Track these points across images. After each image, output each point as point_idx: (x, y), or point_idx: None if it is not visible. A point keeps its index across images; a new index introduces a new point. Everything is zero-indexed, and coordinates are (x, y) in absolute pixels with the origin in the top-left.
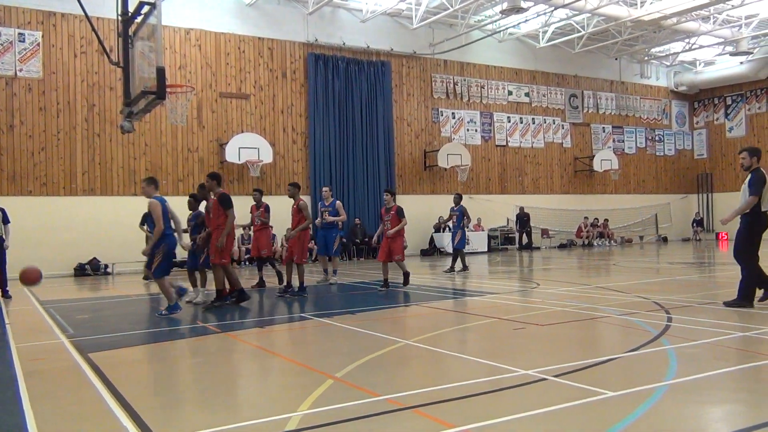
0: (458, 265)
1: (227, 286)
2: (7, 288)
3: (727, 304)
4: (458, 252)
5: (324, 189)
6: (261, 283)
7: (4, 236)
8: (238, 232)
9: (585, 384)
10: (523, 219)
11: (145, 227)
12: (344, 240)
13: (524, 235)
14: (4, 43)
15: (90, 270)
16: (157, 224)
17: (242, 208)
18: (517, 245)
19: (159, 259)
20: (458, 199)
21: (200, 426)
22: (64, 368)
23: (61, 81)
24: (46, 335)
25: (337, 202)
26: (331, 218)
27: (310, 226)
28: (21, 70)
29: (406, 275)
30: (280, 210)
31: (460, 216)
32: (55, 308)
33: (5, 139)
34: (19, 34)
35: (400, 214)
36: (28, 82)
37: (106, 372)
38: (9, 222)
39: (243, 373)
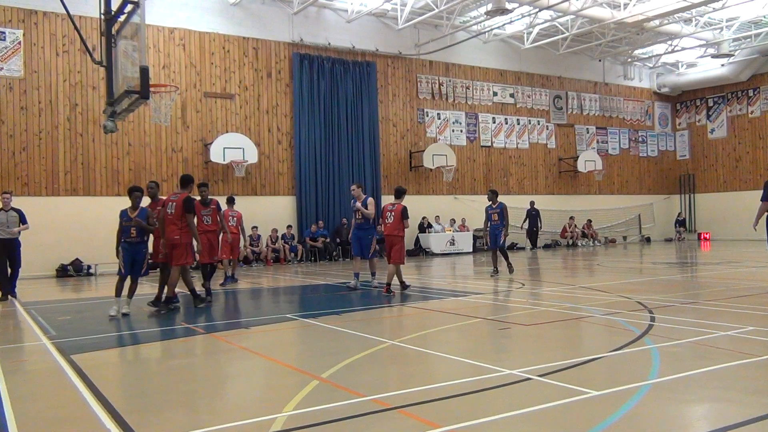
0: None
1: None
2: (15, 289)
3: None
4: (504, 251)
5: (353, 187)
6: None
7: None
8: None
9: (569, 383)
10: (533, 215)
11: None
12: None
13: (532, 235)
14: None
15: (72, 271)
16: None
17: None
18: (530, 245)
19: None
20: (494, 195)
21: (184, 428)
22: (45, 370)
23: (43, 80)
24: (27, 337)
25: (369, 198)
26: (364, 211)
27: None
28: (1, 69)
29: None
30: (265, 211)
31: (502, 213)
32: (37, 309)
33: None
34: (0, 32)
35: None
36: (8, 81)
37: (88, 374)
38: (26, 223)
39: (228, 374)
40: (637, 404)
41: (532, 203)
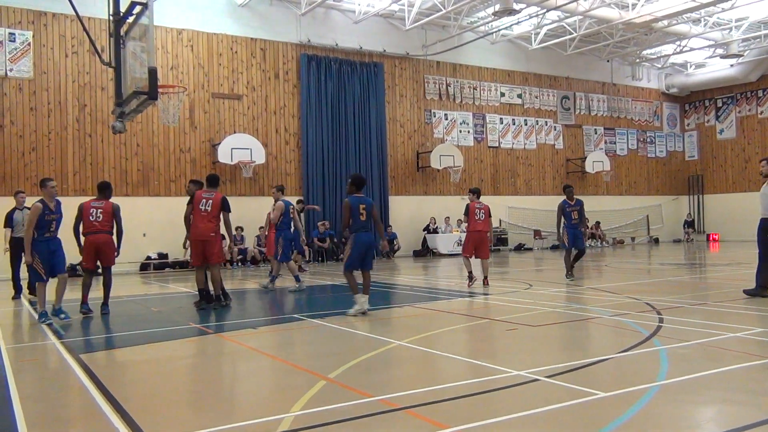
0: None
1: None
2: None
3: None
4: (583, 253)
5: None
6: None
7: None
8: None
9: (577, 385)
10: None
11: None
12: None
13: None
14: None
15: (81, 270)
16: None
17: (235, 209)
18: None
19: None
20: (572, 191)
21: (192, 427)
22: (54, 369)
23: (52, 81)
24: (36, 336)
25: (278, 202)
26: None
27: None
28: (11, 70)
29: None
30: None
31: (581, 211)
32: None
33: None
34: (10, 33)
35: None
36: (18, 82)
37: (97, 373)
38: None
39: (235, 374)
40: (645, 406)
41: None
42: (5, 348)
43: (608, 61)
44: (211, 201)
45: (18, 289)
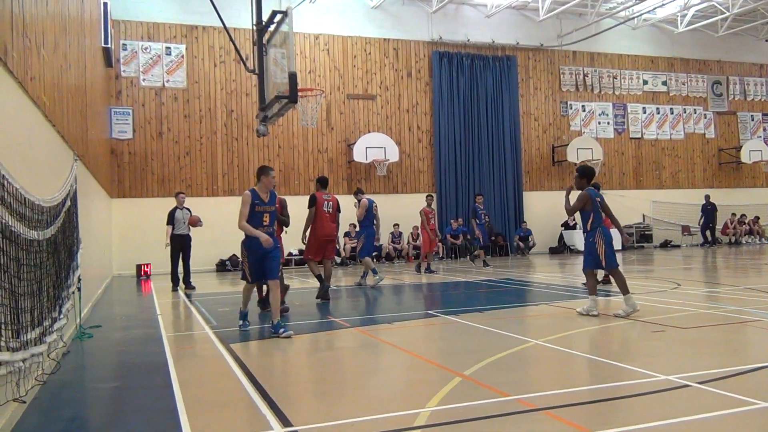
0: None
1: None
2: (191, 280)
3: None
4: None
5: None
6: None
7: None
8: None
9: (735, 393)
10: (708, 210)
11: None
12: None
13: (709, 230)
14: (153, 56)
15: (230, 266)
16: None
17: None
18: (703, 241)
19: None
20: None
21: (332, 417)
22: (208, 357)
23: (203, 89)
24: (192, 326)
25: (363, 200)
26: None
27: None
28: (168, 81)
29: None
30: (406, 209)
31: None
32: (200, 301)
33: (155, 145)
34: (166, 48)
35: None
36: (174, 92)
37: (245, 362)
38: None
39: (372, 368)
40: None
41: (707, 197)
42: (166, 337)
43: (767, 40)
44: (332, 203)
45: (175, 282)
